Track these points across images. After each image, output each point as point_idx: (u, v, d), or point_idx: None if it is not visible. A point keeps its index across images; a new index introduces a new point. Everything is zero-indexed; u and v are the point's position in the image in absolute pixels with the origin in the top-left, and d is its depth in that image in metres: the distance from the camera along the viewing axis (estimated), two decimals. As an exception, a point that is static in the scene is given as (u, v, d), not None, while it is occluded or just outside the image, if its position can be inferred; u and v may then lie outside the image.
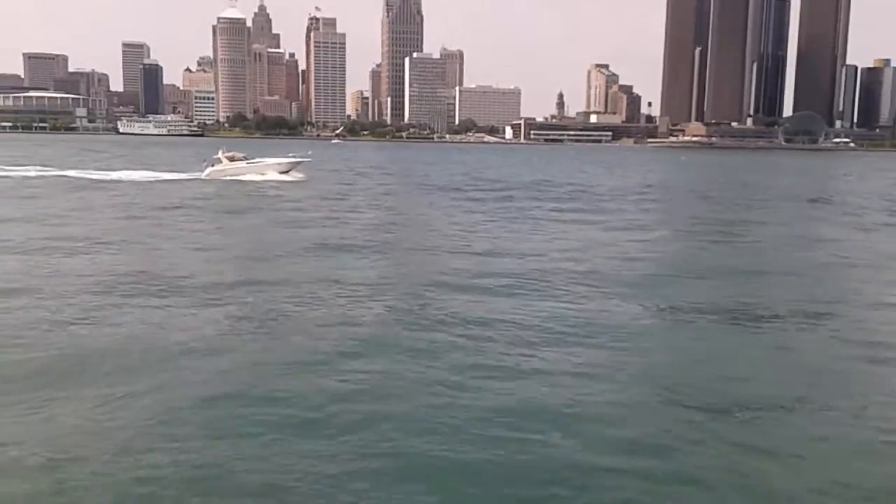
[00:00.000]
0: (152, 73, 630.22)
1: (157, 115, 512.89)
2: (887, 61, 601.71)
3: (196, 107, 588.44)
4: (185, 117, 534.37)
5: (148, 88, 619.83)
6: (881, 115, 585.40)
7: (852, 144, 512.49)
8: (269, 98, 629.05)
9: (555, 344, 17.66)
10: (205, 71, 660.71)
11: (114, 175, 77.93)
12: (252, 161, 76.32)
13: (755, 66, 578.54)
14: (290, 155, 79.78)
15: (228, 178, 73.43)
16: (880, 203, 65.52)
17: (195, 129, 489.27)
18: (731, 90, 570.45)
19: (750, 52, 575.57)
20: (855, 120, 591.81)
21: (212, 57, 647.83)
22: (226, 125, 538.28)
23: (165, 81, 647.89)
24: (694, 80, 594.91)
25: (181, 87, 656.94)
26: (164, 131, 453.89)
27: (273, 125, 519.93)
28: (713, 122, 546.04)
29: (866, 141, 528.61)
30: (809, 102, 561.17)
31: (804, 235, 42.53)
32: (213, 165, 76.36)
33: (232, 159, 76.24)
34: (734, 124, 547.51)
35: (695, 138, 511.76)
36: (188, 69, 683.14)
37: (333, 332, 18.41)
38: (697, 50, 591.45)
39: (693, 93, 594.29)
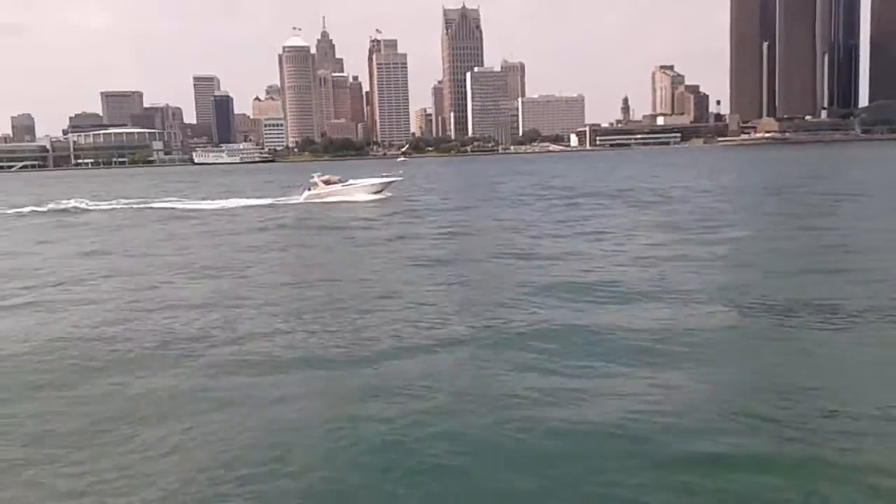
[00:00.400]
0: (223, 104, 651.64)
1: (230, 144, 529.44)
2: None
3: (266, 134, 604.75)
4: (256, 144, 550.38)
5: (220, 119, 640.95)
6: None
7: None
8: (336, 121, 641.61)
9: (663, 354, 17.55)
10: (273, 99, 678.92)
11: (227, 203, 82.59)
12: (347, 183, 78.85)
13: (826, 56, 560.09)
14: (383, 175, 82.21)
15: (325, 200, 75.86)
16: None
17: (266, 155, 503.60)
18: (803, 83, 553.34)
19: (820, 42, 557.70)
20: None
21: (279, 85, 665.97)
22: (295, 150, 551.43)
23: (236, 111, 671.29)
24: (763, 75, 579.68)
25: (251, 116, 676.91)
26: (237, 159, 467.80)
27: (340, 147, 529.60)
28: (785, 116, 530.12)
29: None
30: (887, 91, 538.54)
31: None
32: (309, 189, 79.14)
33: (328, 182, 78.87)
34: (808, 118, 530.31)
35: (767, 135, 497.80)
36: (257, 98, 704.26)
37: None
38: (765, 44, 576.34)
39: (763, 88, 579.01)
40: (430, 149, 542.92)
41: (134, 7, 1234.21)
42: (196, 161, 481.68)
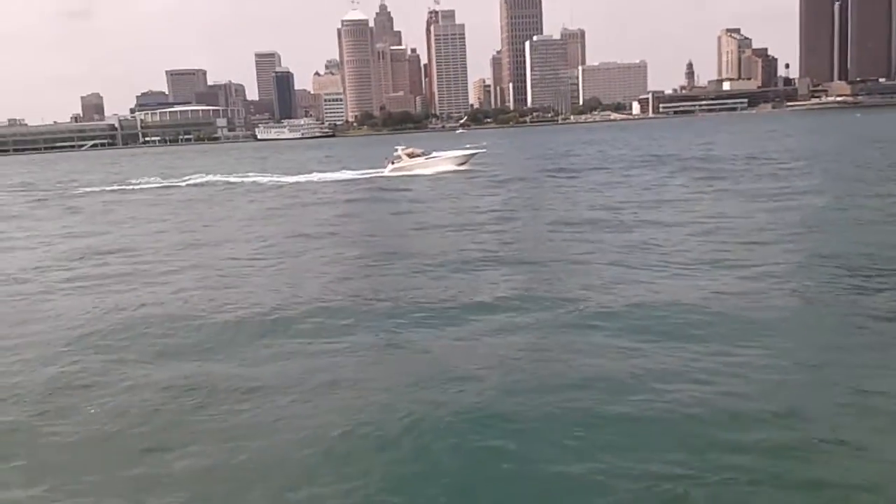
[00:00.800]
0: (284, 80, 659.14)
1: (291, 120, 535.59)
2: None
3: (326, 109, 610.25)
4: (317, 120, 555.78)
5: (281, 95, 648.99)
6: None
7: None
8: (394, 95, 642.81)
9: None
10: (332, 73, 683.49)
11: (313, 177, 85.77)
12: (430, 156, 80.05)
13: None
14: (467, 146, 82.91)
15: (411, 173, 76.42)
16: None
17: (326, 130, 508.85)
18: (877, 45, 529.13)
19: (895, 2, 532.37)
20: None
21: (338, 59, 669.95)
22: (354, 125, 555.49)
23: (297, 87, 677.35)
24: (835, 38, 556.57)
25: (311, 92, 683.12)
26: (299, 135, 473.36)
27: (399, 121, 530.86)
28: (858, 79, 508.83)
29: None
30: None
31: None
32: (393, 163, 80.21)
33: (411, 155, 79.80)
34: (882, 80, 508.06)
35: (839, 98, 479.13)
36: (317, 73, 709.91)
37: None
38: (837, 4, 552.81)
39: (835, 51, 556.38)
40: (488, 120, 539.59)
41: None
42: (259, 137, 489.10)
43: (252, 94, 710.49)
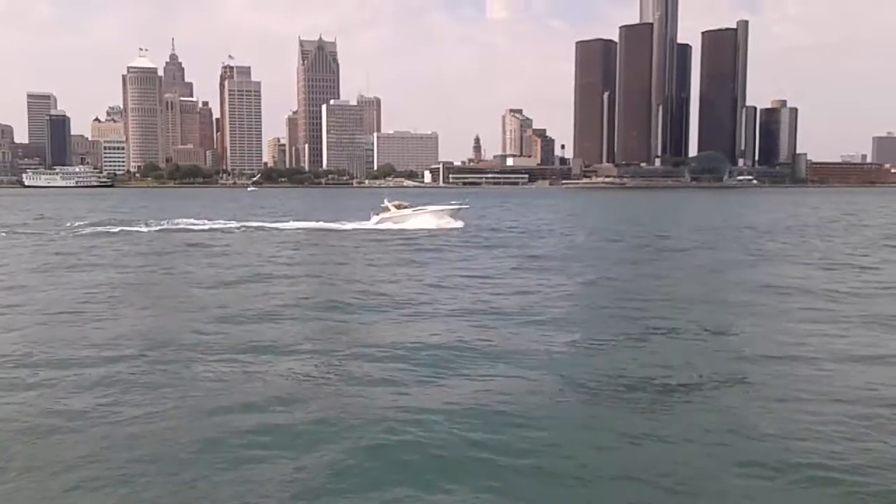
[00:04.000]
0: (59, 124, 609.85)
1: (65, 167, 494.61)
2: (783, 102, 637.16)
3: (105, 157, 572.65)
4: (95, 168, 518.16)
5: (55, 139, 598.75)
6: (780, 152, 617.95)
7: (755, 181, 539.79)
8: (182, 147, 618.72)
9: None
10: (114, 121, 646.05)
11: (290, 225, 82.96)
12: (418, 208, 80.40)
13: (661, 108, 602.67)
14: (452, 203, 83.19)
15: (400, 225, 75.85)
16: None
17: (105, 180, 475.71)
18: (639, 132, 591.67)
19: (655, 95, 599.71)
20: (756, 158, 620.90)
21: (122, 106, 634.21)
22: (137, 175, 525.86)
23: (74, 132, 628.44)
24: (604, 123, 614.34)
25: (90, 138, 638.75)
26: (73, 182, 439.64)
27: (187, 174, 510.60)
28: (624, 163, 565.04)
29: (767, 178, 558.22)
30: (713, 142, 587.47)
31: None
32: (378, 214, 79.70)
33: (399, 207, 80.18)
34: (643, 165, 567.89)
35: (607, 179, 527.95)
36: (97, 119, 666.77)
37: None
38: (606, 94, 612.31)
39: (604, 135, 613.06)
40: (282, 179, 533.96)
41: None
42: (27, 184, 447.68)
43: (21, 136, 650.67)
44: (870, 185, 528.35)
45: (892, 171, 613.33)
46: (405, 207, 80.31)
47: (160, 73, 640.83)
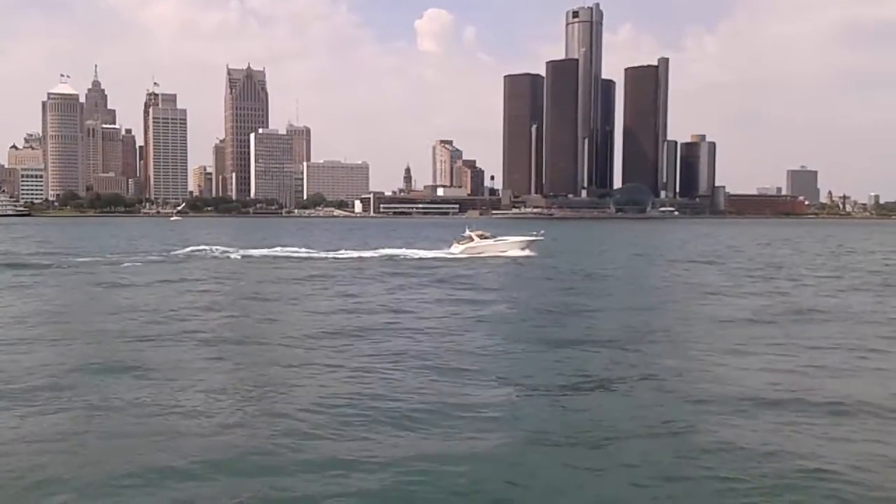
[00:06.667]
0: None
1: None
2: (703, 137, 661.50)
3: (23, 185, 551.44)
4: (11, 196, 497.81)
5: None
6: (700, 185, 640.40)
7: (676, 213, 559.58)
8: (104, 175, 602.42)
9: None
10: (32, 148, 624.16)
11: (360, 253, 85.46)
12: (498, 239, 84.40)
13: (587, 141, 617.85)
14: (533, 234, 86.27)
15: (482, 255, 79.10)
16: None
17: (22, 209, 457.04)
18: (566, 164, 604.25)
19: (581, 128, 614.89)
20: (678, 190, 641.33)
21: (41, 133, 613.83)
22: (56, 204, 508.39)
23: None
24: (532, 155, 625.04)
25: (6, 166, 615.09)
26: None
27: (108, 202, 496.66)
28: (551, 194, 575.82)
29: (688, 209, 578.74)
30: (637, 174, 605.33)
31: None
32: (461, 243, 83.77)
33: (482, 237, 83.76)
34: (570, 196, 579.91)
35: (536, 209, 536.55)
36: (14, 146, 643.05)
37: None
38: (534, 127, 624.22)
39: (532, 167, 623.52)
40: (208, 208, 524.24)
41: None
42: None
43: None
44: (784, 216, 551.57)
45: (806, 203, 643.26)
46: (488, 237, 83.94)
47: (82, 99, 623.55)
